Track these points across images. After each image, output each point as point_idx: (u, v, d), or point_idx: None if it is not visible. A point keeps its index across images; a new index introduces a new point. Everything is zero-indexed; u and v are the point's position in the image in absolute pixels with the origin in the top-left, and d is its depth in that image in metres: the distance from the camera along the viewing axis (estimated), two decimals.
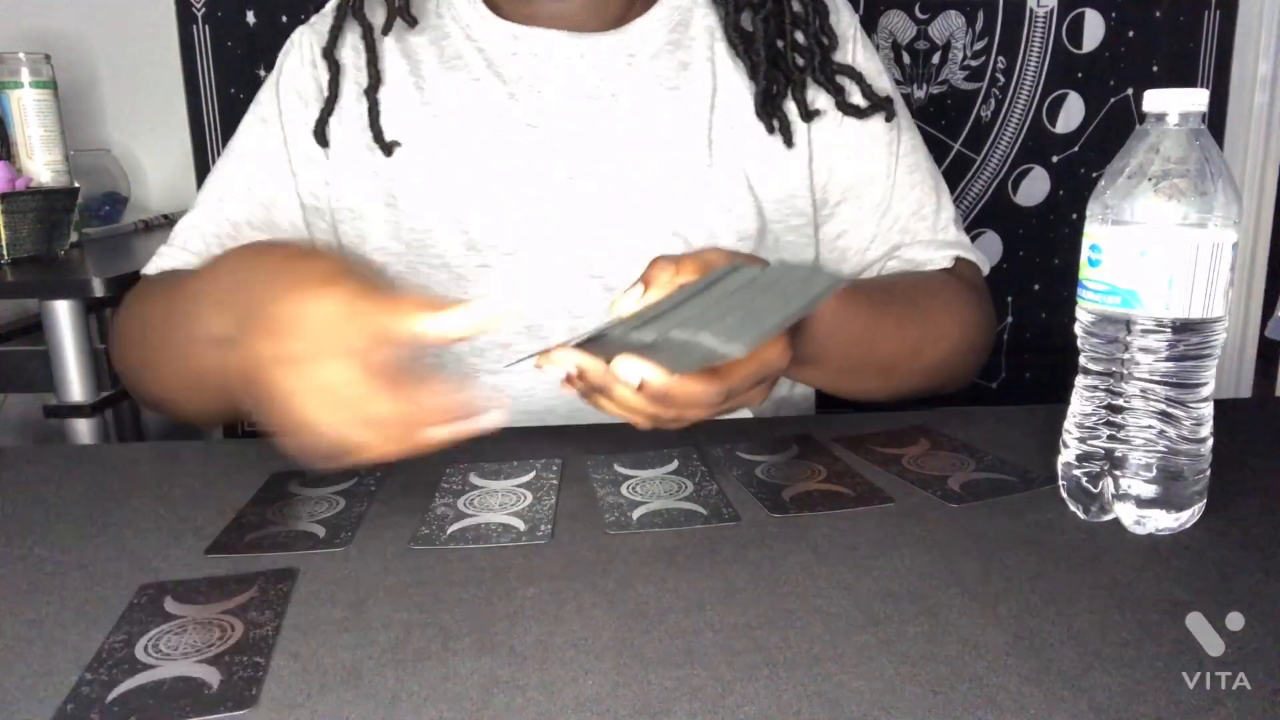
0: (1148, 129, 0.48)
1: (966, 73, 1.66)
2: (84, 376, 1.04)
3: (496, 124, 0.76)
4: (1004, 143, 1.69)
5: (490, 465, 0.61)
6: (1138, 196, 0.47)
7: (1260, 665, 0.38)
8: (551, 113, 0.76)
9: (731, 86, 0.77)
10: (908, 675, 0.37)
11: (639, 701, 0.36)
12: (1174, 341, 0.47)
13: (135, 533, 0.52)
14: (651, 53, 0.78)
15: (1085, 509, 0.52)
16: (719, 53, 0.78)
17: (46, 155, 1.24)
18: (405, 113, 0.77)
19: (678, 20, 0.79)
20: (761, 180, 0.76)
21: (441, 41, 0.79)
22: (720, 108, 0.77)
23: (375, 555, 0.49)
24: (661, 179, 0.75)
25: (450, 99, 0.77)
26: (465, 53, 0.78)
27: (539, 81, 0.76)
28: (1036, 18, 1.64)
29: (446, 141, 0.76)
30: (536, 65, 0.77)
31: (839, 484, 0.57)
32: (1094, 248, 0.49)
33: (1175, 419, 0.48)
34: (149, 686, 0.38)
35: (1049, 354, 1.75)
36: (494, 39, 0.78)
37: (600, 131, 0.75)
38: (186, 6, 1.59)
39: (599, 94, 0.76)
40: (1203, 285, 0.47)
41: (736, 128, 0.76)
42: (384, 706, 0.36)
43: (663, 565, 0.47)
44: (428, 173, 0.76)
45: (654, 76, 0.77)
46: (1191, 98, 0.47)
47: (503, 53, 0.77)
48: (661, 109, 0.76)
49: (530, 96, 0.76)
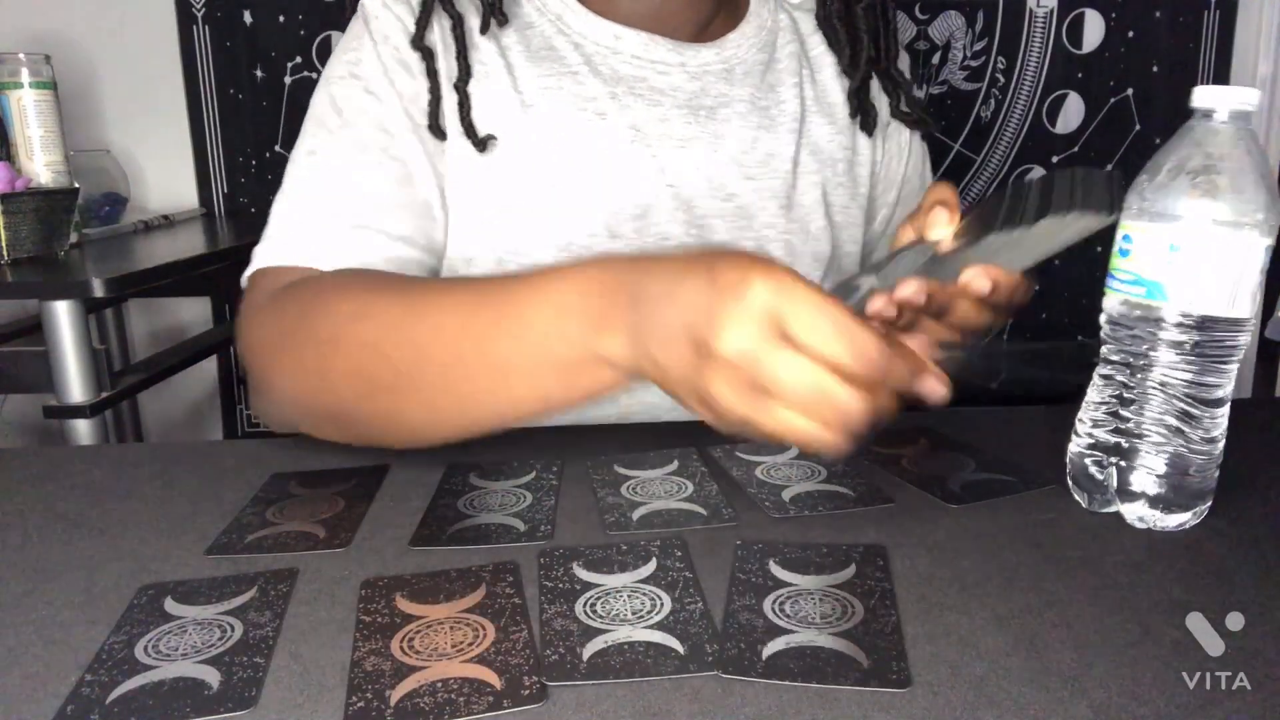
0: (1193, 124, 0.48)
1: (966, 73, 1.66)
2: (84, 377, 1.04)
3: (599, 123, 0.73)
4: (1004, 143, 1.69)
5: (490, 465, 0.61)
6: (1174, 191, 0.47)
7: (1260, 665, 0.38)
8: (654, 118, 0.74)
9: (815, 114, 0.80)
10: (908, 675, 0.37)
11: (640, 701, 0.36)
12: (1199, 340, 0.47)
13: (135, 533, 0.52)
14: (745, 70, 0.79)
15: (1089, 499, 0.52)
16: (805, 79, 0.81)
17: (46, 156, 1.24)
18: (499, 107, 0.72)
19: (766, 40, 0.81)
20: (837, 206, 0.81)
21: (526, 31, 0.75)
22: (805, 134, 0.79)
23: (375, 555, 0.49)
24: (749, 198, 0.76)
25: (545, 92, 0.73)
26: (559, 45, 0.75)
27: (640, 85, 0.75)
28: (1036, 18, 1.64)
29: (543, 136, 0.72)
30: (639, 68, 0.75)
31: (839, 484, 0.57)
32: (1125, 238, 0.49)
33: (1193, 419, 0.48)
34: (149, 687, 0.38)
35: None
36: (593, 35, 0.75)
37: (699, 143, 0.75)
38: (186, 6, 1.59)
39: (699, 105, 0.76)
40: (1230, 284, 0.46)
41: (818, 154, 0.80)
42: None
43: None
44: (523, 167, 0.72)
45: (748, 94, 0.78)
46: (1241, 96, 0.46)
47: (602, 50, 0.75)
48: (754, 127, 0.77)
49: (633, 99, 0.74)
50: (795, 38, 0.82)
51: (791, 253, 0.77)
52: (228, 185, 1.67)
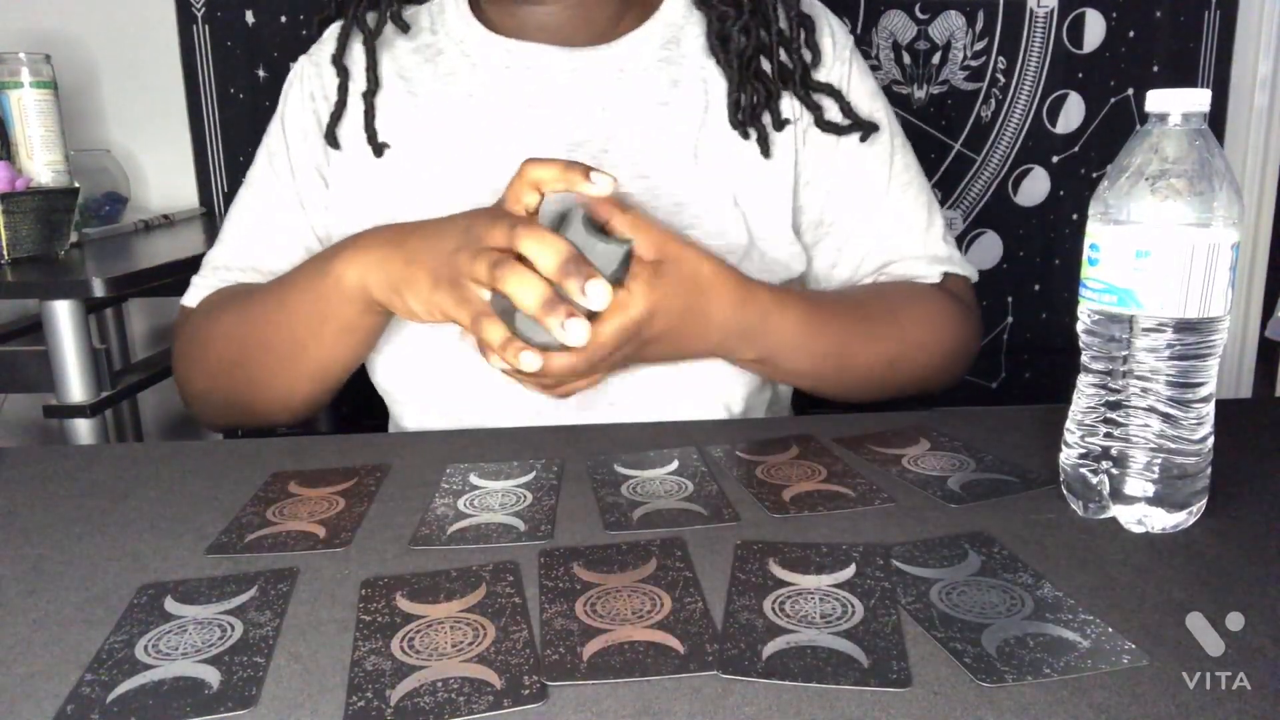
0: (1149, 128, 0.48)
1: (967, 73, 1.66)
2: (84, 377, 1.04)
3: (489, 138, 0.76)
4: (1004, 143, 1.69)
5: (490, 465, 0.61)
6: (1135, 197, 0.47)
7: (1260, 665, 0.38)
8: (543, 126, 0.76)
9: (721, 105, 0.78)
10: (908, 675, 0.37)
11: (640, 701, 0.36)
12: (1173, 341, 0.47)
13: (135, 533, 0.52)
14: (642, 67, 0.78)
15: (1084, 506, 0.52)
16: (710, 71, 0.79)
17: (46, 155, 1.24)
18: (400, 124, 0.78)
19: (669, 37, 0.79)
20: (747, 196, 0.77)
21: (437, 58, 0.80)
22: (709, 125, 0.77)
23: (375, 555, 0.49)
24: (649, 192, 0.75)
25: (443, 113, 0.78)
26: (459, 69, 0.79)
27: (530, 95, 0.77)
28: (1037, 18, 1.64)
29: (440, 154, 0.77)
30: (530, 79, 0.77)
31: (839, 484, 0.57)
32: (1093, 246, 0.49)
33: (1175, 419, 0.48)
34: (149, 687, 0.38)
35: (1049, 354, 1.75)
36: (487, 53, 0.78)
37: (591, 145, 0.76)
38: (186, 6, 1.59)
39: (590, 106, 0.77)
40: (1199, 285, 0.46)
41: (724, 143, 0.77)
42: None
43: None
44: (421, 184, 0.77)
45: (644, 90, 0.77)
46: (1193, 98, 0.46)
47: (496, 66, 0.78)
48: (650, 123, 0.77)
49: (523, 110, 0.77)
50: (704, 28, 0.80)
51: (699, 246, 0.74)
52: (228, 185, 1.67)
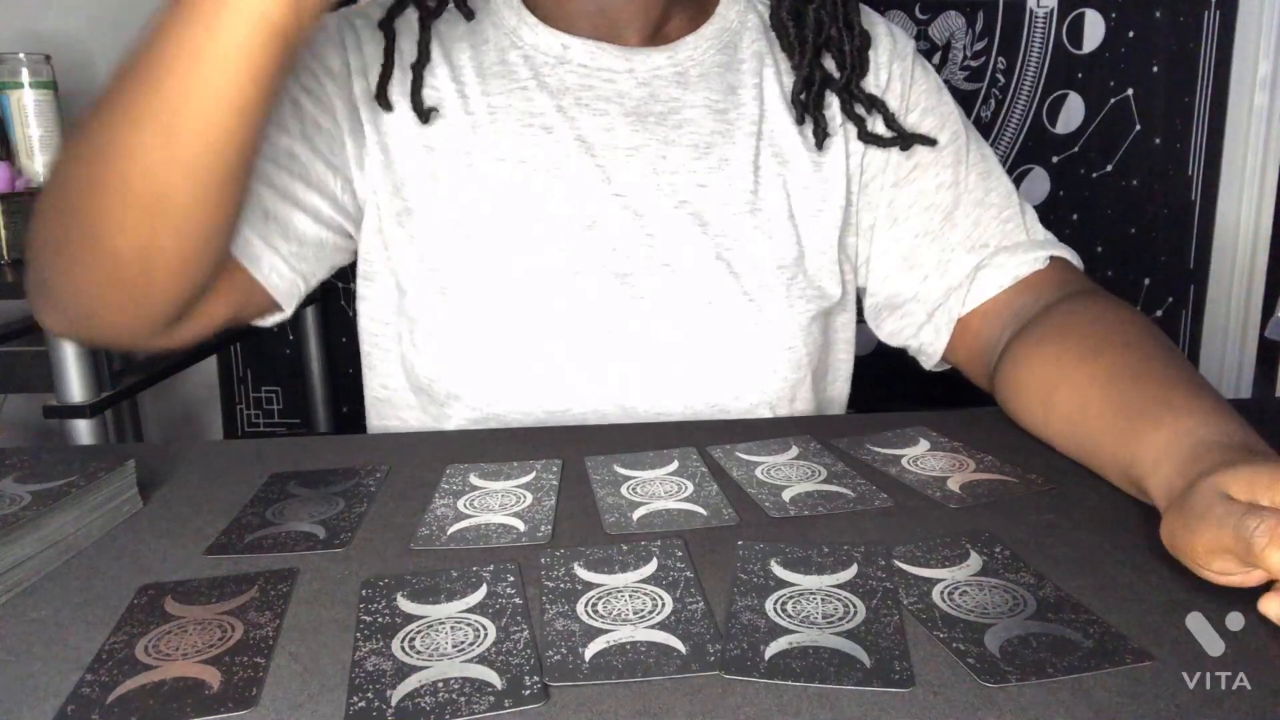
0: None
1: (967, 73, 1.66)
2: (84, 377, 1.04)
3: (544, 137, 0.74)
4: (1004, 143, 1.69)
5: (490, 466, 0.61)
6: None
7: (1260, 665, 0.38)
8: (599, 127, 0.74)
9: (777, 114, 0.77)
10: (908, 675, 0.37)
11: (641, 702, 0.36)
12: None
13: (135, 533, 0.52)
14: (700, 73, 0.77)
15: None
16: (767, 78, 0.78)
17: (46, 155, 1.24)
18: (451, 132, 0.74)
19: (726, 41, 0.79)
20: (802, 209, 0.76)
21: (482, 46, 0.76)
22: (766, 135, 0.77)
23: (375, 555, 0.49)
24: (707, 203, 0.74)
25: (492, 112, 0.74)
26: (511, 59, 0.76)
27: (586, 94, 0.75)
28: (1036, 18, 1.64)
29: (491, 155, 0.73)
30: (585, 77, 0.75)
31: (839, 484, 0.57)
32: None
33: None
34: (149, 687, 0.38)
35: None
36: (543, 46, 0.76)
37: (647, 150, 0.74)
38: None
39: (647, 112, 0.75)
40: None
41: (781, 156, 0.77)
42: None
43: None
44: (471, 188, 0.73)
45: (703, 98, 0.76)
46: None
47: (550, 61, 0.75)
48: (709, 131, 0.75)
49: (579, 110, 0.74)
50: (763, 35, 0.80)
51: (751, 259, 0.74)
52: None
